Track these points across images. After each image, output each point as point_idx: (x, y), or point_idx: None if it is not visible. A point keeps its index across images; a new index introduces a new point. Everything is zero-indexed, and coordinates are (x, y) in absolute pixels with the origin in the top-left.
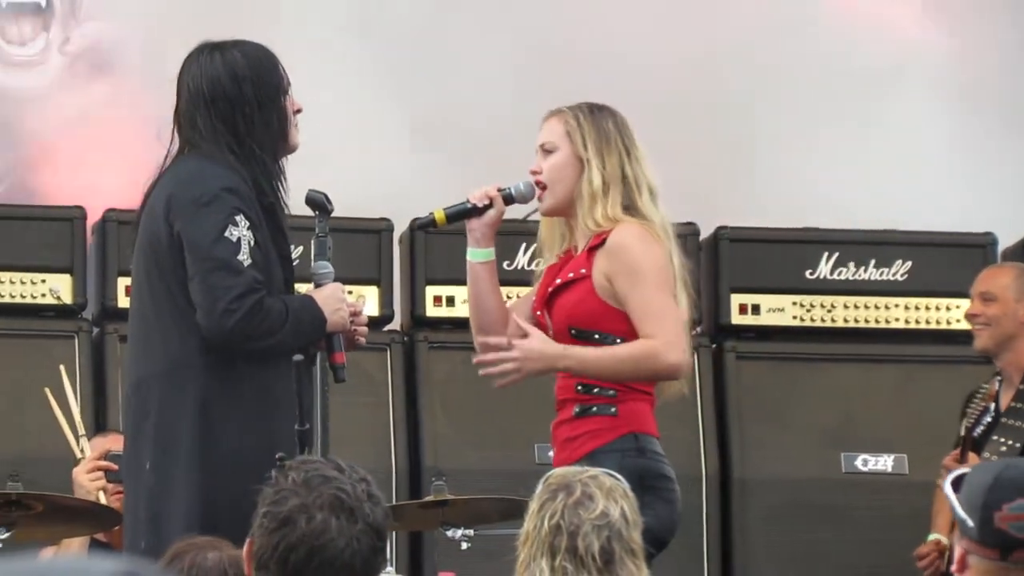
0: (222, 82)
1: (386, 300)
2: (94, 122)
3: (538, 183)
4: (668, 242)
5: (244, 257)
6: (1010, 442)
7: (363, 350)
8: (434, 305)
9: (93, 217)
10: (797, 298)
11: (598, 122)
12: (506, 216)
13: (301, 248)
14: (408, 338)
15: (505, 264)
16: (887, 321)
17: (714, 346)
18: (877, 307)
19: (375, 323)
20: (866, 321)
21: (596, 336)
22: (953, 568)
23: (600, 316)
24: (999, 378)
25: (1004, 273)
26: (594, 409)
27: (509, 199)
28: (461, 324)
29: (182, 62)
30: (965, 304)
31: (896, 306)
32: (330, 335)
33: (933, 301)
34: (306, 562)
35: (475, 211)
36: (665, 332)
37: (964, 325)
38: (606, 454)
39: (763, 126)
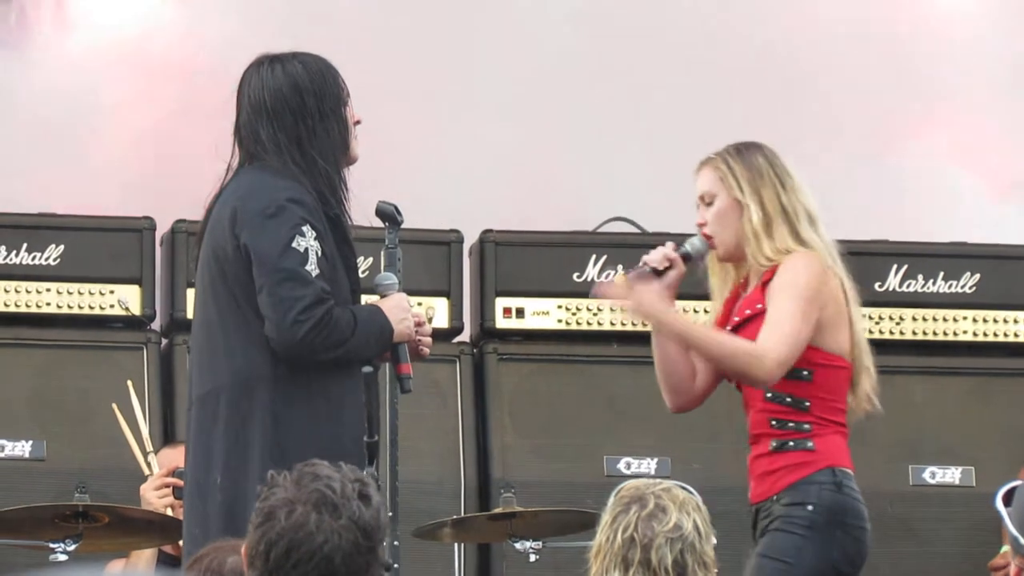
0: (284, 93)
1: (456, 312)
2: (160, 133)
3: (704, 235)
4: (836, 267)
5: (312, 267)
6: None
7: (432, 361)
8: (503, 317)
9: (162, 228)
10: (866, 310)
11: (747, 160)
12: (576, 228)
13: (371, 260)
14: (477, 349)
15: (575, 276)
16: (955, 334)
17: None
18: (946, 320)
19: (445, 335)
20: (934, 334)
21: None
22: None
23: None
24: None
25: None
26: (791, 444)
27: (687, 257)
28: (530, 336)
29: (242, 75)
30: None
31: (965, 319)
32: (396, 346)
33: (1002, 314)
34: (285, 556)
35: (656, 273)
36: (775, 345)
37: None
38: (805, 486)
39: (829, 136)
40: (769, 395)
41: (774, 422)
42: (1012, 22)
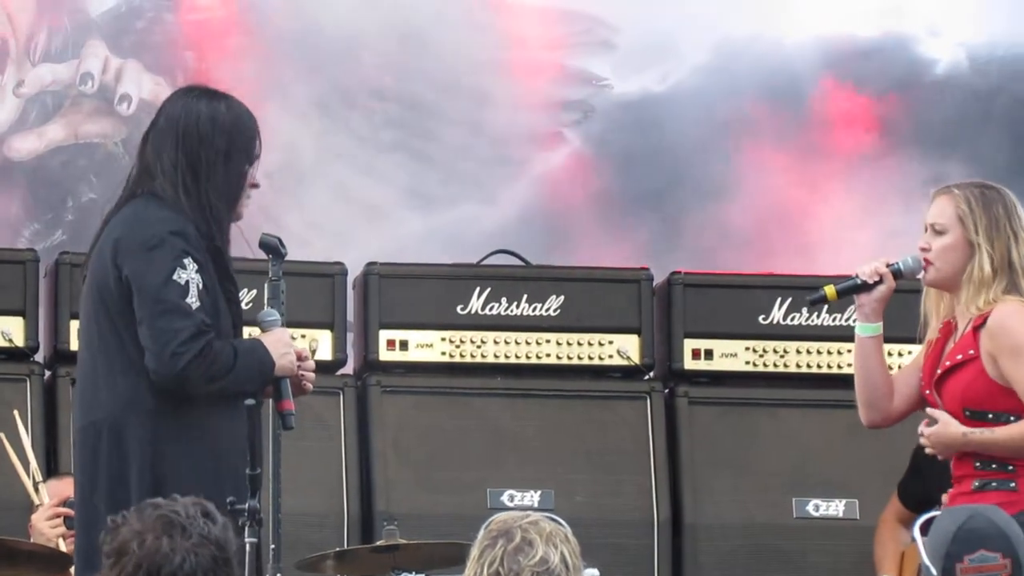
0: (199, 122)
1: (339, 344)
2: (48, 164)
3: (925, 259)
4: None
5: (193, 300)
6: None
7: (316, 394)
8: (387, 349)
9: (47, 260)
10: (750, 343)
11: (989, 207)
12: (459, 260)
13: (255, 292)
14: (361, 382)
15: (459, 308)
16: (839, 367)
17: (667, 391)
18: (830, 352)
19: (328, 367)
20: (818, 366)
21: (990, 416)
22: None
23: (992, 396)
24: None
25: None
26: (993, 484)
27: (898, 274)
28: (414, 368)
29: (170, 94)
30: (911, 348)
31: (849, 351)
32: (278, 382)
33: (896, 347)
34: None
35: (865, 287)
36: None
37: None
38: None
39: (720, 172)
40: None
41: (978, 464)
42: None
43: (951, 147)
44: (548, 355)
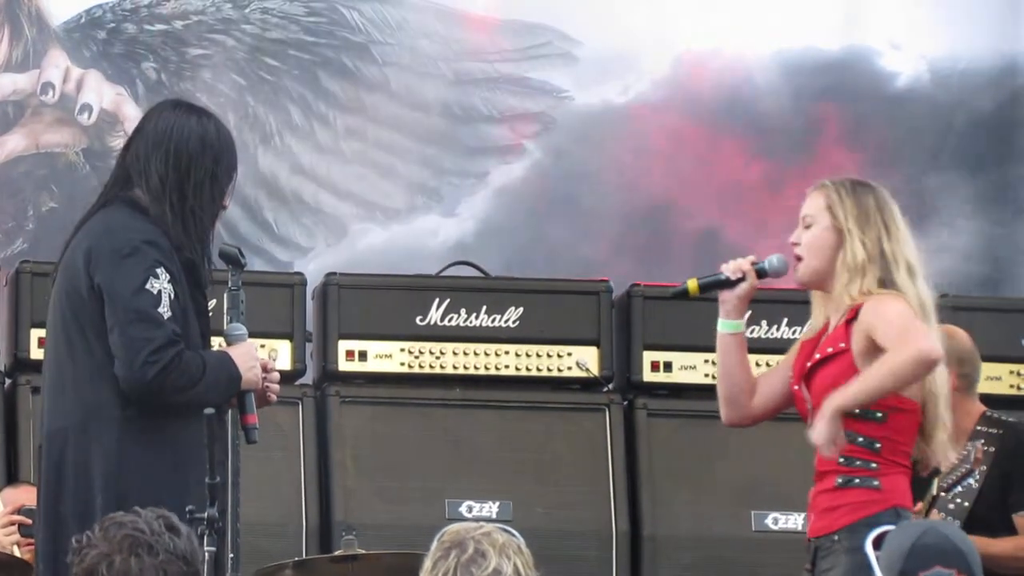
0: (191, 139)
1: (299, 354)
2: (9, 173)
3: (796, 255)
4: (923, 317)
5: (164, 310)
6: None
7: (275, 404)
8: (346, 359)
9: (7, 269)
10: (709, 356)
11: (859, 198)
12: (418, 271)
13: (214, 301)
14: (320, 392)
15: (418, 319)
16: None
17: (626, 403)
18: None
19: (287, 377)
20: None
21: (857, 411)
22: None
23: None
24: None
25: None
26: (856, 481)
27: (762, 273)
28: (373, 378)
29: (153, 107)
30: None
31: None
32: (243, 395)
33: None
34: None
35: (728, 283)
36: (904, 338)
37: None
38: (869, 527)
39: (680, 184)
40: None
41: (842, 459)
42: None
43: (912, 160)
44: (507, 366)
